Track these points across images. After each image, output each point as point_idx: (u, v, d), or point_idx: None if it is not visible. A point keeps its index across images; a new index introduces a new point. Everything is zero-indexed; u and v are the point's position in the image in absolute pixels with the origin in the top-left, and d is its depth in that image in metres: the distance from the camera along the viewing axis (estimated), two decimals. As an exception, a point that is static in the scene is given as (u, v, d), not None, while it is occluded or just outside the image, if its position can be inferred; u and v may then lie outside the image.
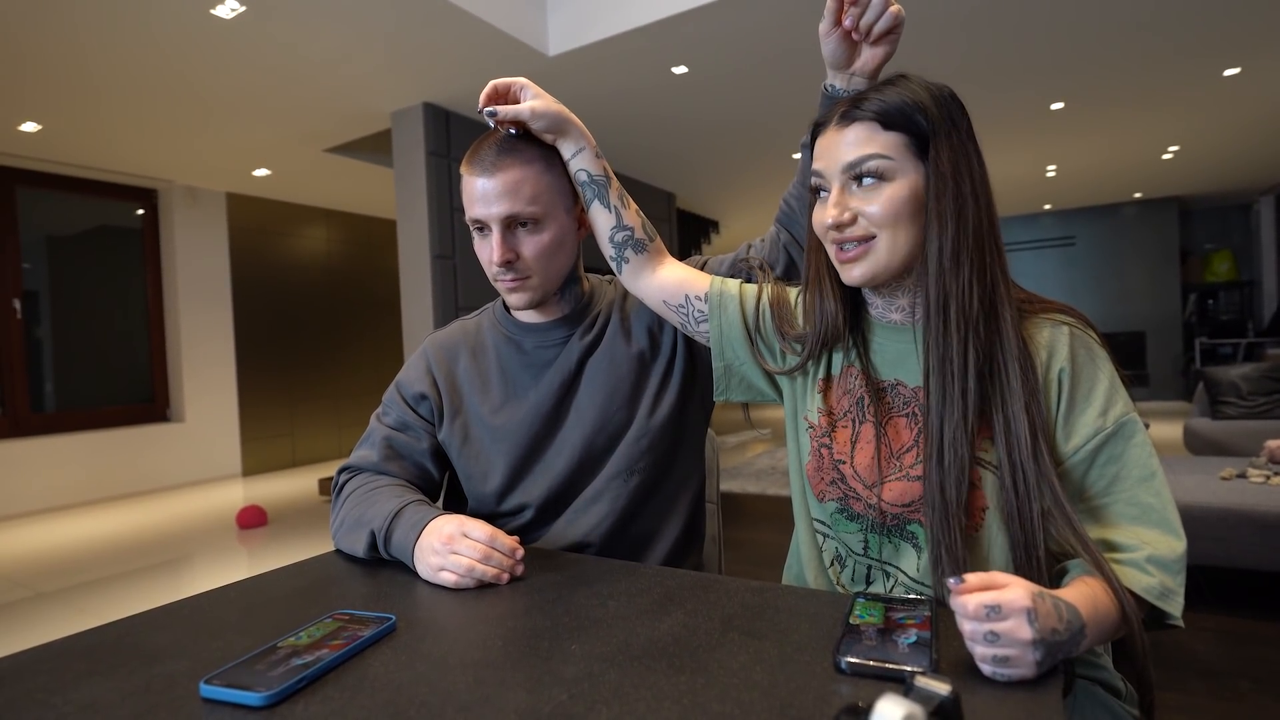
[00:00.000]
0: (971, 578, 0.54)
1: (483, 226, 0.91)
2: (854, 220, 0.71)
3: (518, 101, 0.88)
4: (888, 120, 0.69)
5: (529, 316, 1.01)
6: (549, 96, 0.88)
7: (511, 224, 0.90)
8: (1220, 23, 3.25)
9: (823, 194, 0.74)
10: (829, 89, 0.84)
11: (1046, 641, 0.52)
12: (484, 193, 0.88)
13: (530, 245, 0.91)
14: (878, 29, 0.77)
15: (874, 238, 0.71)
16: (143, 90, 3.41)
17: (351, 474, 0.99)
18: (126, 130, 3.99)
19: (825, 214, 0.72)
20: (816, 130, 0.76)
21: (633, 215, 0.91)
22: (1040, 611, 0.52)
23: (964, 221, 0.68)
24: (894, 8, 0.76)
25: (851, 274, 0.73)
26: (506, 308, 1.03)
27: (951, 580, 0.54)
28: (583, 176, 0.90)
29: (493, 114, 0.87)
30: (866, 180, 0.70)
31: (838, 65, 0.82)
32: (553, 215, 0.92)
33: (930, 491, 0.68)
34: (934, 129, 0.69)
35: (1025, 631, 0.51)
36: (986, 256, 0.69)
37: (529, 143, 0.90)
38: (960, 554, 0.67)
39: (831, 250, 0.74)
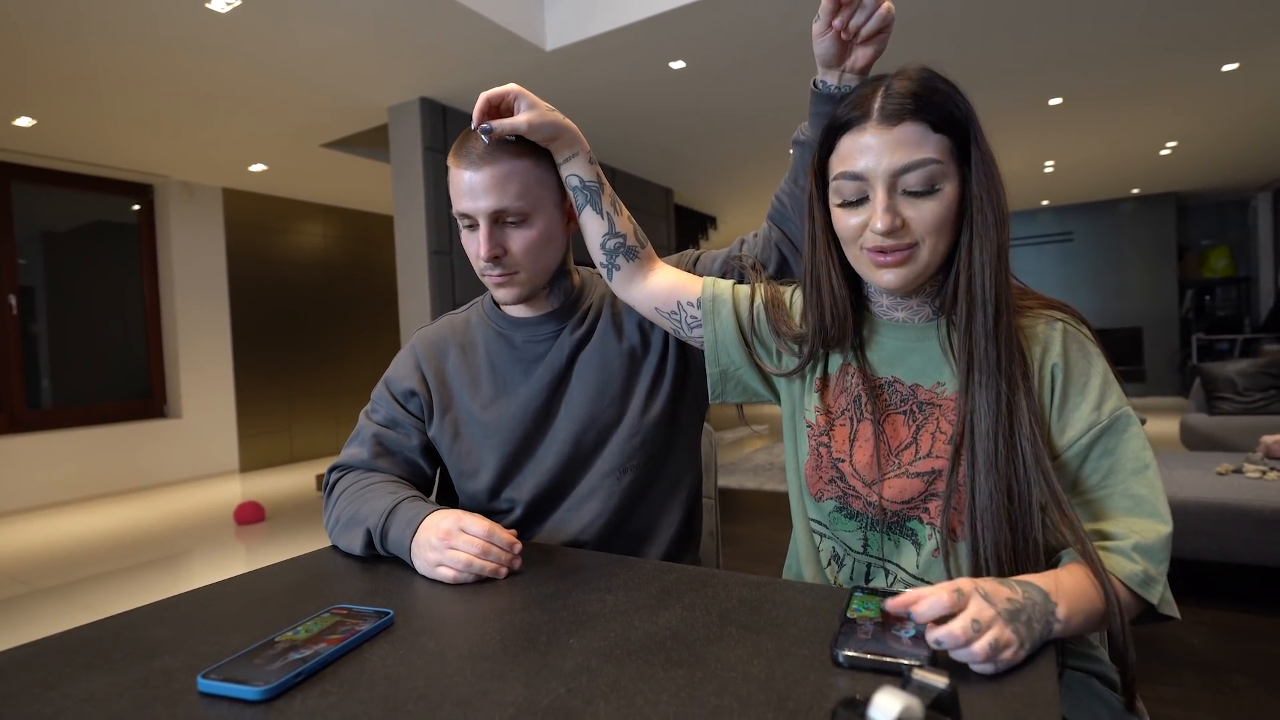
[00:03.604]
0: (905, 595, 0.55)
1: (471, 220, 0.90)
2: (904, 226, 0.68)
3: (512, 112, 0.86)
4: (938, 123, 0.67)
5: (519, 311, 1.00)
6: (543, 104, 0.86)
7: (499, 219, 0.89)
8: (1218, 18, 3.25)
9: (862, 198, 0.70)
10: (820, 85, 0.83)
11: (1009, 610, 0.54)
12: (471, 187, 0.87)
13: (518, 240, 0.90)
14: (867, 30, 0.76)
15: (916, 245, 0.69)
16: (139, 85, 3.39)
17: (342, 472, 0.99)
18: (122, 125, 3.97)
19: (873, 219, 0.68)
20: (840, 127, 0.71)
21: (625, 222, 0.90)
22: (985, 588, 0.55)
23: (1006, 222, 0.69)
24: (884, 7, 0.75)
25: (886, 279, 0.70)
26: (496, 302, 1.02)
27: (888, 602, 0.56)
28: (575, 182, 0.89)
29: (488, 130, 0.84)
30: (918, 186, 0.67)
31: (829, 64, 0.81)
32: (541, 210, 0.90)
33: (988, 494, 0.67)
34: (974, 134, 0.68)
35: (987, 609, 0.53)
36: (1007, 256, 0.70)
37: (518, 139, 0.88)
38: (1005, 559, 0.67)
39: (864, 255, 0.71)
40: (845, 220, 0.72)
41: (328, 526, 0.94)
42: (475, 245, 0.90)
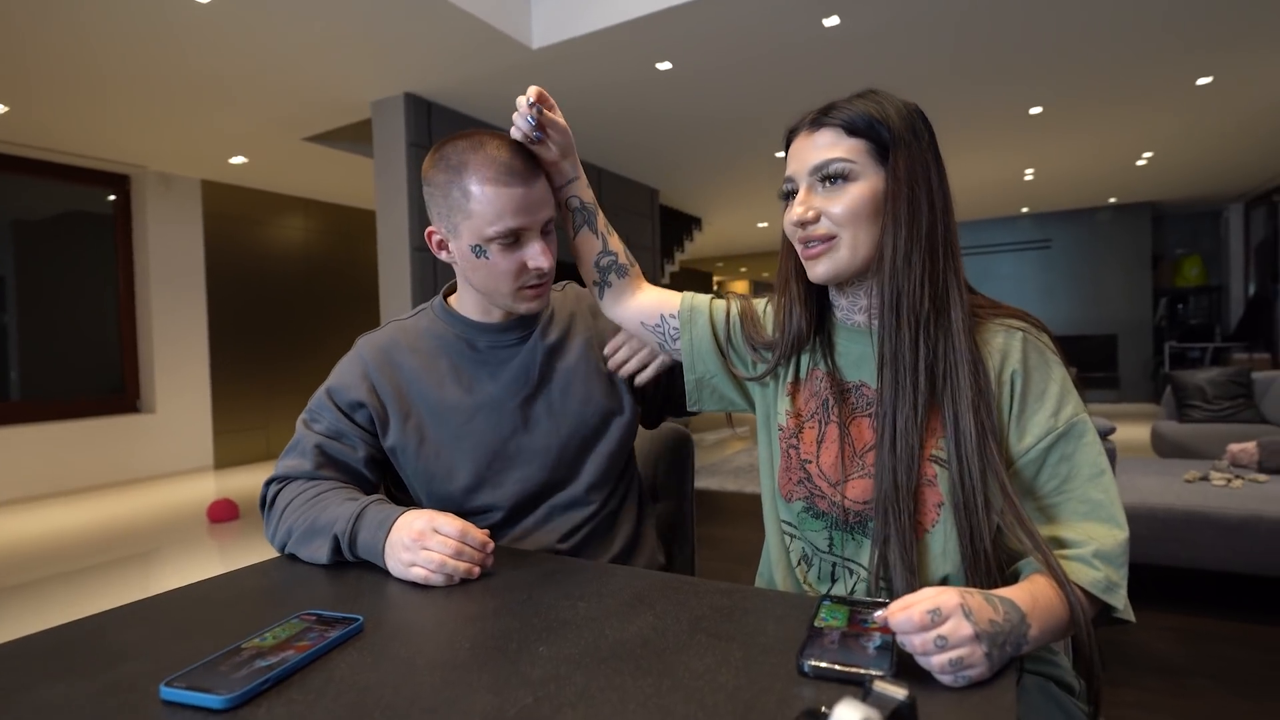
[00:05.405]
0: (894, 604, 0.56)
1: (514, 238, 0.88)
2: (818, 219, 0.75)
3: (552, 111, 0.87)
4: (852, 128, 0.74)
5: (478, 316, 0.98)
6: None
7: (548, 228, 0.91)
8: (1193, 33, 3.32)
9: (792, 196, 0.78)
10: None
11: (989, 633, 0.54)
12: (529, 201, 0.86)
13: (553, 248, 0.93)
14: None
15: (835, 237, 0.74)
16: (117, 74, 3.33)
17: (282, 484, 0.94)
18: (98, 114, 3.90)
19: (792, 212, 0.76)
20: (790, 138, 0.80)
21: (616, 242, 0.95)
22: (972, 606, 0.55)
23: (917, 225, 0.72)
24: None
25: (816, 270, 0.76)
26: (445, 307, 1.01)
27: (878, 614, 0.56)
28: (575, 203, 0.93)
29: (539, 112, 0.83)
30: (831, 182, 0.74)
31: None
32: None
33: (881, 478, 0.71)
34: (894, 139, 0.73)
35: (966, 627, 0.53)
36: (939, 261, 0.72)
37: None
38: (908, 540, 0.70)
39: (799, 249, 0.78)
40: (785, 219, 0.79)
41: (276, 541, 0.90)
42: (516, 262, 0.89)
